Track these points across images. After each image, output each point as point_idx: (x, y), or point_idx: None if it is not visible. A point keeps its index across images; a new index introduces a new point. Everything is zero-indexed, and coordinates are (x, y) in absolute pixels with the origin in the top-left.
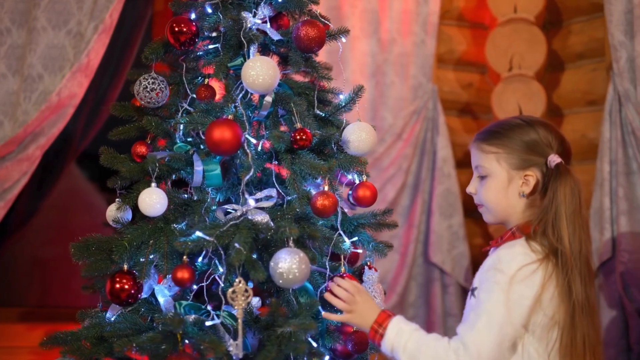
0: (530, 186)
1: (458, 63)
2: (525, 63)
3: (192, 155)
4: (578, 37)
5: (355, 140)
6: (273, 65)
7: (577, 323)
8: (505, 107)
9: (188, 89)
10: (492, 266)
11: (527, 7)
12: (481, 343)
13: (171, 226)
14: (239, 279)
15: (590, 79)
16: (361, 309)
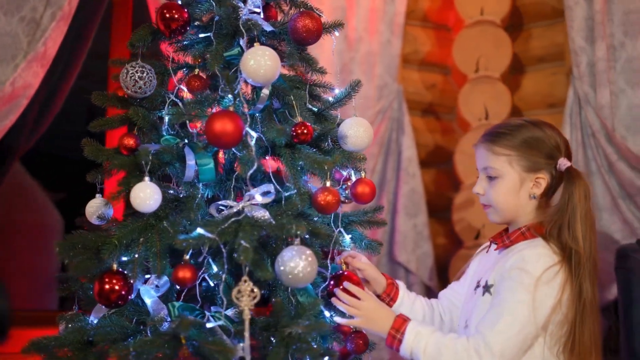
0: (542, 188)
1: (422, 64)
2: (492, 65)
3: (183, 149)
4: (539, 41)
5: (352, 136)
6: (275, 56)
7: (586, 320)
8: (472, 107)
9: (175, 79)
10: (516, 266)
11: (494, 10)
12: (504, 342)
13: (163, 223)
14: (245, 278)
15: (551, 82)
16: (372, 314)
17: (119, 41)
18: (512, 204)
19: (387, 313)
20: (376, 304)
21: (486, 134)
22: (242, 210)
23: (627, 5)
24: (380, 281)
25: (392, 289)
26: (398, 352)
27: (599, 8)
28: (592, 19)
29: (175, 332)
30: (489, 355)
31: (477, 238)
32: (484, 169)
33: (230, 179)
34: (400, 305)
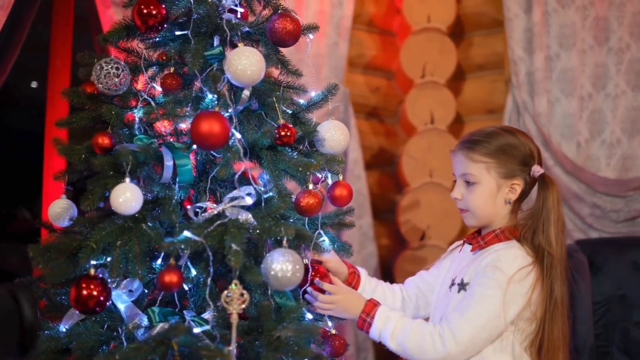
0: (517, 194)
1: (367, 67)
2: (437, 71)
3: (160, 149)
4: (479, 50)
5: (330, 139)
6: (262, 57)
7: (556, 318)
8: (418, 112)
9: (147, 77)
10: (492, 264)
11: (440, 17)
12: (469, 331)
13: (141, 225)
14: (235, 282)
15: (490, 90)
16: (345, 305)
17: (60, 35)
18: (489, 209)
19: (358, 299)
20: (347, 294)
21: (464, 141)
22: (222, 213)
23: (562, 19)
24: (342, 271)
25: (354, 278)
26: (367, 334)
27: (537, 20)
28: (531, 30)
29: (165, 337)
30: (452, 341)
31: (422, 239)
32: (462, 175)
33: (203, 180)
34: (361, 292)
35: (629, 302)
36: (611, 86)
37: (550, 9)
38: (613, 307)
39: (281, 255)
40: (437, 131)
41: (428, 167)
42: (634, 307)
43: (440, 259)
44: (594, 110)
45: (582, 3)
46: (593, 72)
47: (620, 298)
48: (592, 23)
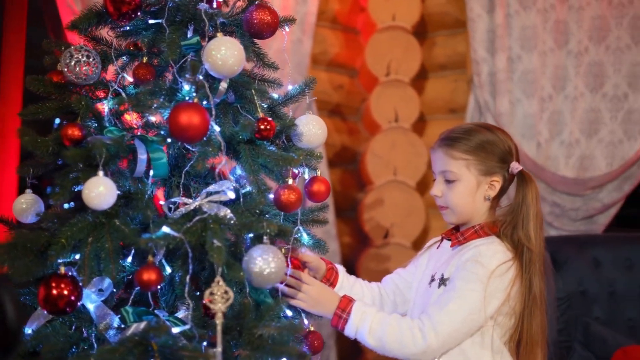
0: (496, 191)
1: (330, 64)
2: (402, 69)
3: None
4: (442, 49)
5: (308, 133)
6: (241, 47)
7: (535, 313)
8: (382, 110)
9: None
10: (473, 259)
11: (405, 16)
12: (449, 325)
13: (114, 221)
14: (218, 280)
15: (452, 89)
16: (318, 297)
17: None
18: (469, 205)
19: (332, 295)
20: (320, 286)
21: (443, 138)
22: (199, 208)
23: (524, 22)
24: (321, 267)
25: (332, 274)
26: (343, 332)
27: (499, 22)
28: (493, 31)
29: (144, 338)
30: (432, 335)
31: (385, 237)
32: (442, 172)
33: (176, 175)
34: (339, 289)
35: (589, 298)
36: (570, 88)
37: (512, 10)
38: (574, 303)
39: (264, 251)
40: (402, 129)
41: (392, 165)
42: (594, 302)
43: (417, 256)
44: (554, 111)
45: (543, 6)
46: (553, 74)
47: (581, 294)
48: (553, 26)
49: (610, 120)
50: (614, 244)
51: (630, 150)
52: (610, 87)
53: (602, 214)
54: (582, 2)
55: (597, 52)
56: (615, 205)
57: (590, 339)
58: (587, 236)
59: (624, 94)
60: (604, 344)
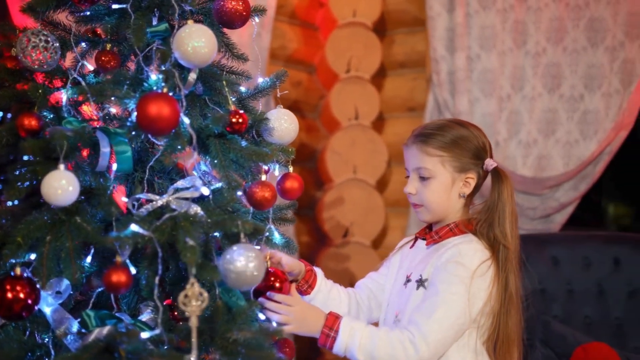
0: (471, 188)
1: (288, 60)
2: (362, 66)
3: (94, 133)
4: (401, 48)
5: (279, 128)
6: (213, 36)
7: (511, 312)
8: (342, 107)
9: (77, 54)
10: (453, 259)
11: (366, 12)
12: (439, 332)
13: (75, 218)
14: (192, 281)
15: (411, 88)
16: (303, 316)
17: None
18: (444, 203)
19: (318, 313)
20: (305, 305)
21: (418, 134)
22: (166, 205)
23: (483, 21)
24: (300, 269)
25: (311, 276)
26: (331, 350)
27: (459, 21)
28: (453, 30)
29: (109, 344)
30: (424, 345)
31: (345, 236)
32: (416, 169)
33: (139, 170)
34: (317, 292)
35: (549, 296)
36: (528, 88)
37: (472, 10)
38: (534, 301)
39: (244, 250)
40: (362, 127)
41: (352, 163)
42: (553, 300)
43: (389, 257)
44: (512, 111)
45: (502, 6)
46: (512, 74)
47: (541, 292)
48: (512, 26)
49: (566, 121)
50: (572, 242)
51: (586, 150)
52: (567, 88)
53: (558, 213)
54: (540, 3)
55: (554, 53)
56: (572, 205)
57: (550, 337)
58: (547, 235)
59: (580, 95)
60: (563, 341)
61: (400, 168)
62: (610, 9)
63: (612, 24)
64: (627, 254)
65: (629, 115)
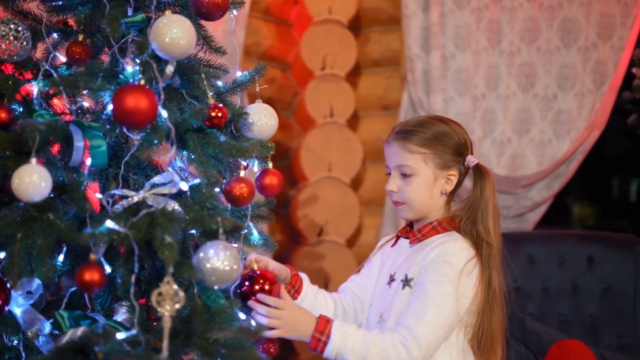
0: (453, 185)
1: (262, 57)
2: (337, 64)
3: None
4: (376, 46)
5: (258, 123)
6: (192, 27)
7: (494, 309)
8: (317, 104)
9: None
10: (440, 258)
11: (341, 10)
12: (431, 334)
13: (47, 215)
14: (168, 279)
15: (386, 86)
16: (293, 321)
17: None
18: (427, 201)
19: (308, 316)
20: (295, 309)
21: (399, 131)
22: (142, 202)
23: (458, 20)
24: (286, 274)
25: (297, 281)
26: (322, 354)
27: (434, 20)
28: (428, 29)
29: (85, 345)
30: (416, 347)
31: (320, 235)
32: (398, 167)
33: (113, 165)
34: (304, 297)
35: (524, 294)
36: (502, 87)
37: (447, 9)
38: (510, 299)
39: (221, 248)
40: (337, 125)
41: (327, 161)
42: (529, 298)
43: (370, 258)
44: (487, 110)
45: (477, 5)
46: (486, 73)
47: (516, 290)
48: (486, 25)
49: (540, 120)
50: (547, 241)
51: (559, 149)
52: (541, 88)
53: (532, 212)
54: (514, 3)
55: (528, 53)
56: (545, 204)
57: (526, 335)
58: (522, 233)
59: (554, 94)
60: (539, 339)
61: (374, 167)
62: (583, 10)
63: (585, 25)
64: (600, 252)
65: (601, 115)
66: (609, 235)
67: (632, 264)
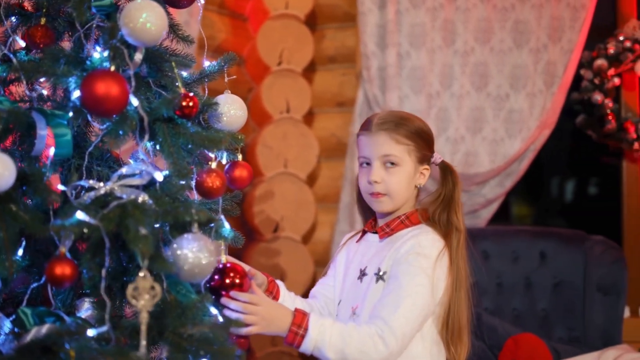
0: (426, 179)
1: (217, 51)
2: (294, 59)
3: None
4: (331, 42)
5: (227, 114)
6: (164, 12)
7: (462, 298)
8: (274, 100)
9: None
10: (413, 251)
11: (298, 5)
12: (406, 325)
13: (10, 206)
14: (144, 273)
15: (340, 83)
16: (269, 316)
17: None
18: (406, 193)
19: (284, 311)
20: (270, 304)
21: (385, 122)
22: (110, 193)
23: (413, 19)
24: (263, 280)
25: (274, 287)
26: (298, 349)
27: (390, 17)
28: (384, 27)
29: (55, 343)
30: (393, 339)
31: (275, 231)
32: (383, 156)
33: (75, 156)
34: (282, 302)
35: (480, 290)
36: (457, 86)
37: (402, 7)
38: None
39: (195, 241)
40: (293, 120)
41: (283, 157)
42: (484, 294)
43: (334, 257)
44: (441, 108)
45: (432, 5)
46: (441, 72)
47: (472, 286)
48: (441, 25)
49: (493, 119)
50: (501, 237)
51: (511, 148)
52: (494, 87)
53: (485, 208)
54: (468, 3)
55: (482, 53)
56: (497, 201)
57: (482, 329)
58: (478, 230)
59: (506, 94)
60: (494, 333)
61: (329, 163)
62: (534, 12)
63: (536, 27)
64: (552, 248)
65: (552, 114)
66: (560, 232)
67: (582, 258)
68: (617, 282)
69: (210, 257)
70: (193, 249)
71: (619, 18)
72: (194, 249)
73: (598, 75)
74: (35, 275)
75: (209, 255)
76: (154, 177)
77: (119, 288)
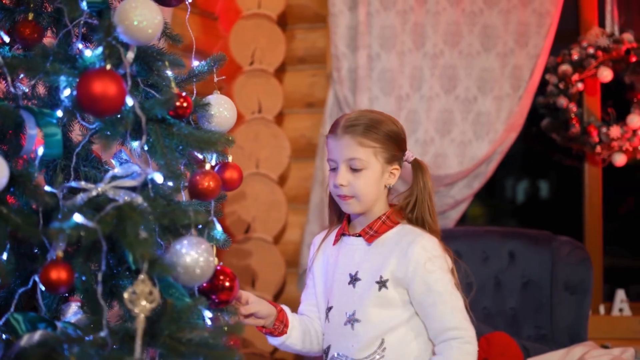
0: (396, 179)
1: (187, 49)
2: (266, 59)
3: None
4: (301, 43)
5: (218, 115)
6: (159, 10)
7: None
8: (246, 100)
9: None
10: (425, 257)
11: (270, 4)
12: (465, 318)
13: (1, 208)
14: (142, 277)
15: (310, 84)
16: None
17: None
18: (375, 194)
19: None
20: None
21: (349, 125)
22: (102, 195)
23: (383, 21)
24: (272, 312)
25: (283, 315)
26: None
27: (361, 19)
28: (355, 28)
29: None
30: (469, 333)
31: (247, 232)
32: (348, 160)
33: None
34: (292, 328)
35: None
36: (426, 88)
37: (373, 9)
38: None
39: (195, 244)
40: (265, 121)
41: (255, 158)
42: None
43: (310, 265)
44: (411, 110)
45: (402, 7)
46: (410, 74)
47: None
48: (411, 28)
49: (461, 121)
50: (471, 237)
51: (479, 150)
52: (462, 90)
53: (453, 209)
54: (438, 7)
55: (451, 56)
56: (465, 202)
57: None
58: (449, 230)
59: (474, 97)
60: None
61: (299, 164)
62: (502, 17)
63: (504, 32)
64: (521, 248)
65: (519, 117)
66: (528, 232)
67: (549, 258)
68: (583, 281)
69: (210, 260)
70: (195, 252)
71: (582, 25)
72: (196, 252)
73: (563, 80)
74: (17, 280)
75: (209, 257)
76: (153, 178)
77: (107, 292)
